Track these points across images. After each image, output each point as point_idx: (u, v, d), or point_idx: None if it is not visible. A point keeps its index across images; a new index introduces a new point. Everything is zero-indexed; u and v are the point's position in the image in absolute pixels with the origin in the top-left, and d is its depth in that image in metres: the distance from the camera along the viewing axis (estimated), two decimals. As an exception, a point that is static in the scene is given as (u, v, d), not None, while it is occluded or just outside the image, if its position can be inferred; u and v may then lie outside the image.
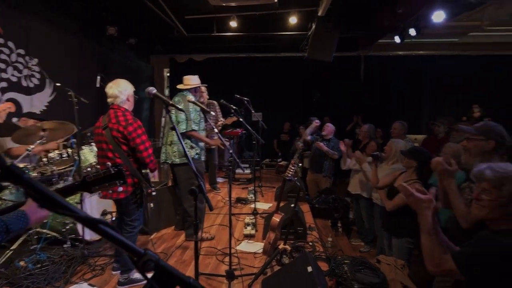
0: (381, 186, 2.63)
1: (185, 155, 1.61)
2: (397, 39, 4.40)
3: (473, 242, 1.22)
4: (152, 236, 2.96)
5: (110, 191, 2.05)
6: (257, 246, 2.65)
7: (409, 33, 4.09)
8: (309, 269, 1.77)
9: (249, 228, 2.89)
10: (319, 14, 4.43)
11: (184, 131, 2.73)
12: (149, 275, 0.43)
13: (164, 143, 2.89)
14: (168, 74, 7.49)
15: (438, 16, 3.46)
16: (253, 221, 3.04)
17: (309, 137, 3.67)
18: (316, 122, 3.17)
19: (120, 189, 2.01)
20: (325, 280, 1.89)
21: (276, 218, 2.26)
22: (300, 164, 4.83)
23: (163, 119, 7.29)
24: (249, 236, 2.84)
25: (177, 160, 2.77)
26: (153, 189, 2.20)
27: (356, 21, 5.21)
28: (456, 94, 6.55)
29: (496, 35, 5.74)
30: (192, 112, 2.77)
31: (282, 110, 6.84)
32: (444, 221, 2.12)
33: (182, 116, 2.73)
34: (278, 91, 6.89)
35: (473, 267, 1.12)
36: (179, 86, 2.95)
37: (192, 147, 2.81)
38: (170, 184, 3.42)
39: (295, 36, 5.89)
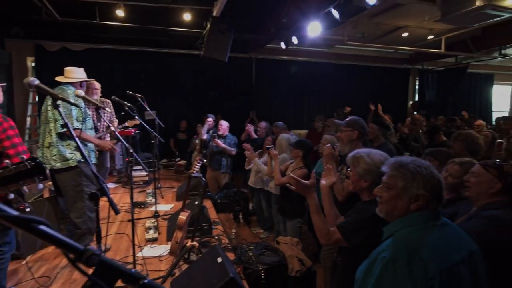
0: (276, 176, 2.92)
1: (82, 156, 1.42)
2: (282, 45, 4.94)
3: (351, 213, 1.55)
4: (26, 260, 2.44)
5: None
6: (161, 249, 2.55)
7: (292, 40, 4.65)
8: (219, 259, 1.84)
9: (151, 232, 2.75)
10: (214, 14, 4.54)
11: (63, 130, 2.35)
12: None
13: (40, 145, 2.42)
14: (34, 64, 6.19)
15: (314, 28, 4.06)
16: (155, 224, 2.90)
17: (205, 136, 3.73)
18: (208, 120, 3.27)
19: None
20: (234, 267, 2.01)
21: (183, 216, 2.24)
22: (205, 160, 4.85)
23: (28, 118, 6.02)
24: (152, 240, 2.70)
25: (58, 165, 2.37)
26: (26, 204, 1.83)
27: (248, 25, 5.57)
28: (328, 95, 7.85)
29: (354, 49, 7.19)
30: (75, 109, 2.41)
31: (178, 108, 6.68)
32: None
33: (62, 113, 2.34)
34: (173, 88, 6.68)
35: (354, 234, 1.42)
36: (59, 79, 2.52)
37: (77, 149, 2.45)
38: (47, 194, 2.88)
39: (190, 33, 5.82)
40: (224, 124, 4.45)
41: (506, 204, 1.54)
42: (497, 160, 1.80)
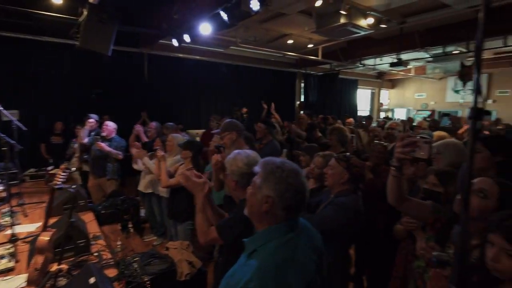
0: (162, 178, 2.78)
1: None
2: (175, 42, 4.75)
3: (231, 212, 1.59)
4: None
5: None
6: (18, 281, 2.09)
7: (184, 38, 4.53)
8: (92, 280, 1.62)
9: (4, 261, 2.22)
10: (91, 0, 4.00)
11: None
12: None
13: None
14: None
15: (205, 29, 4.05)
16: (11, 250, 2.36)
17: (86, 139, 3.27)
18: (90, 121, 2.89)
19: None
20: (112, 285, 1.81)
21: (45, 237, 1.88)
22: (74, 169, 4.21)
23: None
24: (5, 271, 2.18)
25: None
26: None
27: (136, 17, 5.14)
28: (224, 95, 8.01)
29: (249, 51, 7.54)
30: None
31: (51, 107, 5.63)
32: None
33: None
34: (44, 83, 5.60)
35: (228, 231, 1.46)
36: None
37: None
38: None
39: (63, 19, 4.97)
40: (110, 126, 3.99)
41: (352, 192, 1.85)
42: (348, 153, 2.16)
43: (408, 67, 9.83)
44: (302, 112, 8.30)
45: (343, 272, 1.86)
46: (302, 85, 9.53)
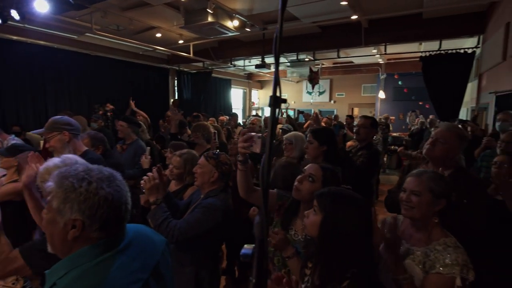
0: None
1: None
2: (-3, 19, 3.67)
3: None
4: None
5: None
6: None
7: (12, 15, 3.56)
8: None
9: None
10: None
11: None
12: None
13: None
14: None
15: (41, 6, 3.29)
16: None
17: None
18: None
19: None
20: None
21: None
22: None
23: None
24: None
25: None
26: None
27: None
28: (81, 89, 6.86)
29: (112, 42, 6.67)
30: None
31: None
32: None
33: None
34: None
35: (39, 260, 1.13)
36: None
37: None
38: None
39: None
40: None
41: (222, 190, 1.79)
42: (217, 151, 2.12)
43: (272, 70, 11.02)
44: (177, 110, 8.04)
45: (214, 268, 1.84)
46: (176, 82, 9.23)
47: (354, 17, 5.27)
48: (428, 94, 5.65)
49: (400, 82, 10.77)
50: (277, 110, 0.56)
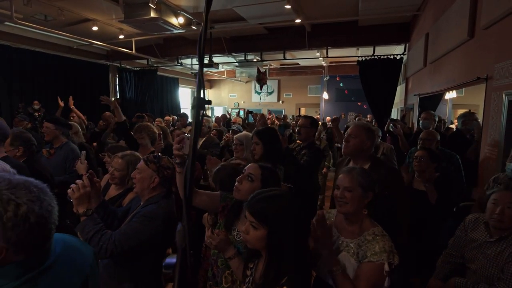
0: None
1: None
2: None
3: None
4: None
5: None
6: None
7: None
8: None
9: None
10: None
11: None
12: None
13: None
14: None
15: None
16: None
17: None
18: None
19: None
20: None
21: None
22: None
23: None
24: None
25: None
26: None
27: None
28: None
29: (39, 33, 5.94)
30: None
31: None
32: None
33: None
34: None
35: None
36: None
37: None
38: None
39: None
40: None
41: (164, 196, 1.63)
42: (159, 154, 1.96)
43: (221, 69, 10.93)
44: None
45: (156, 283, 1.70)
46: (117, 80, 8.62)
47: (298, 20, 5.48)
48: (364, 95, 6.14)
49: (341, 84, 11.54)
50: (201, 112, 0.54)
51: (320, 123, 5.92)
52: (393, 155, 3.31)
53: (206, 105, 0.56)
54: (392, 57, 5.80)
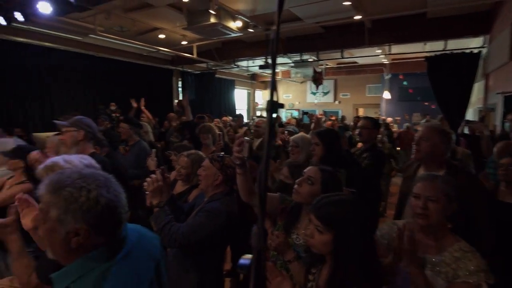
0: None
1: None
2: (1, 20, 3.70)
3: None
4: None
5: None
6: None
7: (16, 17, 3.59)
8: None
9: None
10: None
11: None
12: None
13: None
14: None
15: (44, 8, 3.31)
16: None
17: None
18: None
19: None
20: None
21: None
22: None
23: None
24: None
25: None
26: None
27: None
28: (86, 90, 6.89)
29: (116, 43, 6.70)
30: None
31: None
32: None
33: None
34: None
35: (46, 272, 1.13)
36: None
37: None
38: None
39: None
40: None
41: (226, 194, 1.72)
42: (222, 153, 2.02)
43: (276, 70, 10.96)
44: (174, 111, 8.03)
45: (218, 275, 1.80)
46: (180, 83, 9.25)
47: (358, 17, 5.23)
48: (433, 95, 5.59)
49: (405, 83, 10.68)
50: (274, 115, 0.54)
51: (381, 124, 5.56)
52: (470, 161, 2.95)
53: (279, 109, 0.56)
54: (468, 51, 5.17)
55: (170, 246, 1.52)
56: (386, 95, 10.13)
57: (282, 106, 0.57)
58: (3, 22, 3.71)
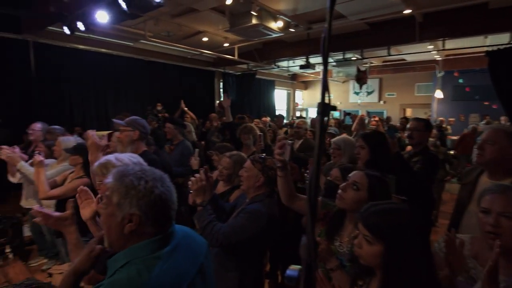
0: (40, 189, 2.27)
1: None
2: (66, 30, 4.11)
3: None
4: None
5: None
6: None
7: (78, 26, 3.95)
8: None
9: None
10: None
11: None
12: None
13: None
14: None
15: (102, 17, 3.59)
16: None
17: None
18: None
19: None
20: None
21: None
22: None
23: None
24: None
25: None
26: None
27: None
28: (136, 92, 7.38)
29: (163, 47, 7.08)
30: None
31: None
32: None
33: None
34: None
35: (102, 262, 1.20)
36: None
37: None
38: None
39: None
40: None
41: (267, 195, 1.72)
42: (264, 154, 1.98)
43: (317, 70, 10.74)
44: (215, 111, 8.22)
45: (258, 276, 1.79)
46: (221, 84, 9.47)
47: (407, 11, 4.90)
48: (495, 93, 5.03)
49: (460, 80, 9.78)
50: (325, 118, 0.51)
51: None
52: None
53: (331, 111, 0.53)
54: (539, 43, 4.57)
55: (212, 245, 1.55)
56: (439, 94, 9.36)
57: (334, 108, 0.53)
58: (67, 32, 4.11)
